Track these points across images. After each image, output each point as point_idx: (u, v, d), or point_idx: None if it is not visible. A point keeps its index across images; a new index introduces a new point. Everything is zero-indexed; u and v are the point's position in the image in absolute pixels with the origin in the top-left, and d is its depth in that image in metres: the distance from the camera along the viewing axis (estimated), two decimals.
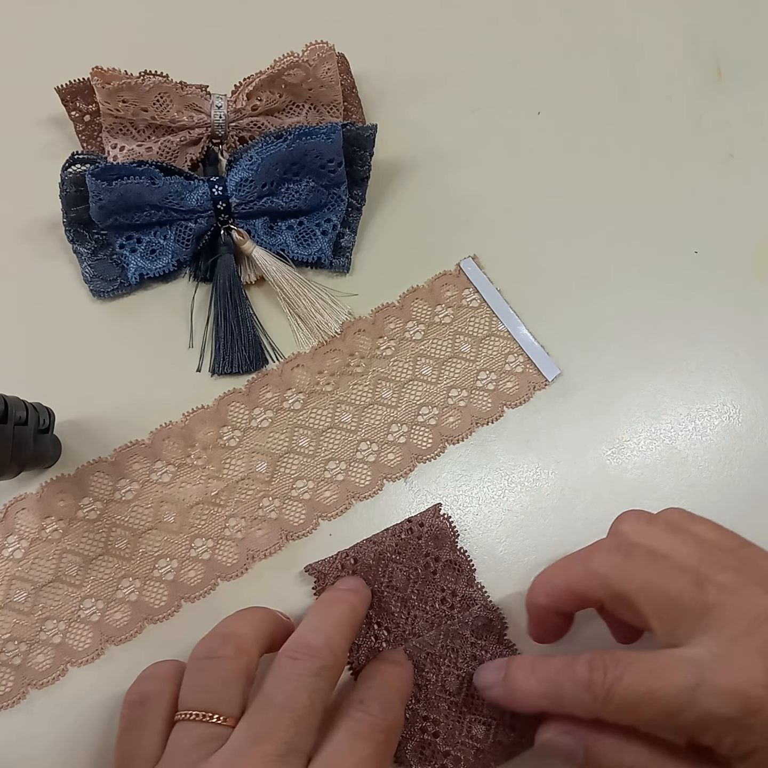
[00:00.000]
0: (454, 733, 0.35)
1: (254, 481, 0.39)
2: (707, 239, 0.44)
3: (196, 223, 0.40)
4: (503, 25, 0.48)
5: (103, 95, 0.39)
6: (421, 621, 0.36)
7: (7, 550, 0.37)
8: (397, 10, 0.48)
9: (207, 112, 0.41)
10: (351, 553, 0.37)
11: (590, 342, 0.42)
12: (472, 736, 0.35)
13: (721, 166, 0.45)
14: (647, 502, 0.39)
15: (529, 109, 0.46)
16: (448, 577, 0.37)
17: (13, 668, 0.36)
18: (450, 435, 0.40)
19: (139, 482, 0.38)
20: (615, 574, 0.30)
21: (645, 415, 0.41)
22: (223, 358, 0.40)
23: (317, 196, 0.41)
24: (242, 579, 0.38)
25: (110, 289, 0.41)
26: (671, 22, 0.48)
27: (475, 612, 0.37)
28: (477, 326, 0.42)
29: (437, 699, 0.35)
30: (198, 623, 0.37)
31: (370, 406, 0.40)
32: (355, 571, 0.37)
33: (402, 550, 0.37)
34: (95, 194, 0.37)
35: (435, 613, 0.37)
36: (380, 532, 0.38)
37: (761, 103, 0.47)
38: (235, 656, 0.30)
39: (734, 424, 0.41)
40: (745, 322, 0.42)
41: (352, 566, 0.37)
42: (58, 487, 0.38)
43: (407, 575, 0.37)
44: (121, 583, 0.37)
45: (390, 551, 0.37)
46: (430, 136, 0.45)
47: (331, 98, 0.42)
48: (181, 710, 0.30)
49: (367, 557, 0.37)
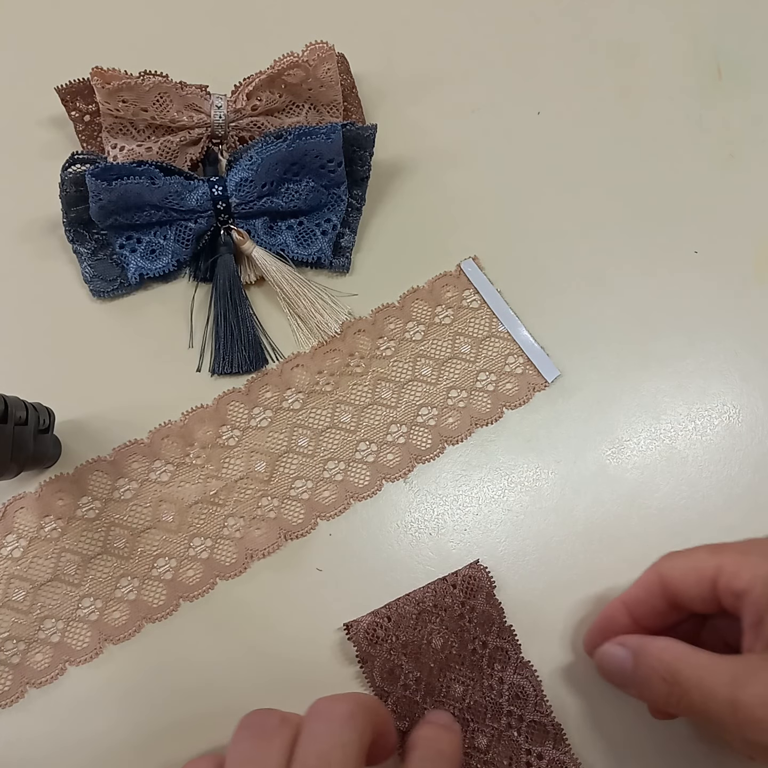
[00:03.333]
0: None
1: (253, 480, 0.39)
2: (707, 239, 0.44)
3: (196, 223, 0.40)
4: (503, 25, 0.48)
5: (103, 95, 0.39)
6: (456, 683, 0.36)
7: (5, 548, 0.37)
8: (397, 10, 0.48)
9: (207, 112, 0.41)
10: (387, 612, 0.36)
11: (590, 342, 0.42)
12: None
13: (721, 166, 0.45)
14: (647, 502, 0.39)
15: (529, 109, 0.46)
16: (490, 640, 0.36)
17: (11, 667, 0.36)
18: (449, 435, 0.40)
19: (138, 481, 0.38)
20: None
21: (645, 415, 0.41)
22: (223, 358, 0.40)
23: (317, 196, 0.41)
24: (241, 578, 0.38)
25: (110, 289, 0.41)
26: (671, 22, 0.48)
27: (527, 717, 0.35)
28: (477, 327, 0.42)
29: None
30: (196, 622, 0.37)
31: (369, 407, 0.40)
32: (396, 634, 0.36)
33: (439, 603, 0.36)
34: (95, 194, 0.38)
35: (469, 673, 0.36)
36: (417, 590, 0.37)
37: (761, 103, 0.47)
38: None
39: (734, 424, 0.41)
40: (745, 322, 0.42)
41: (390, 629, 0.36)
42: (57, 486, 0.38)
43: (446, 638, 0.36)
44: (119, 582, 0.37)
45: (429, 607, 0.36)
46: (429, 136, 0.45)
47: (331, 98, 0.42)
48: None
49: (406, 616, 0.36)
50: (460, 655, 0.36)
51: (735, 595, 0.30)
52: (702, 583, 0.31)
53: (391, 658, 0.35)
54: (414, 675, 0.35)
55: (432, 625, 0.36)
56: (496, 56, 0.47)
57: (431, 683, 0.35)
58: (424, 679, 0.35)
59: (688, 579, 0.32)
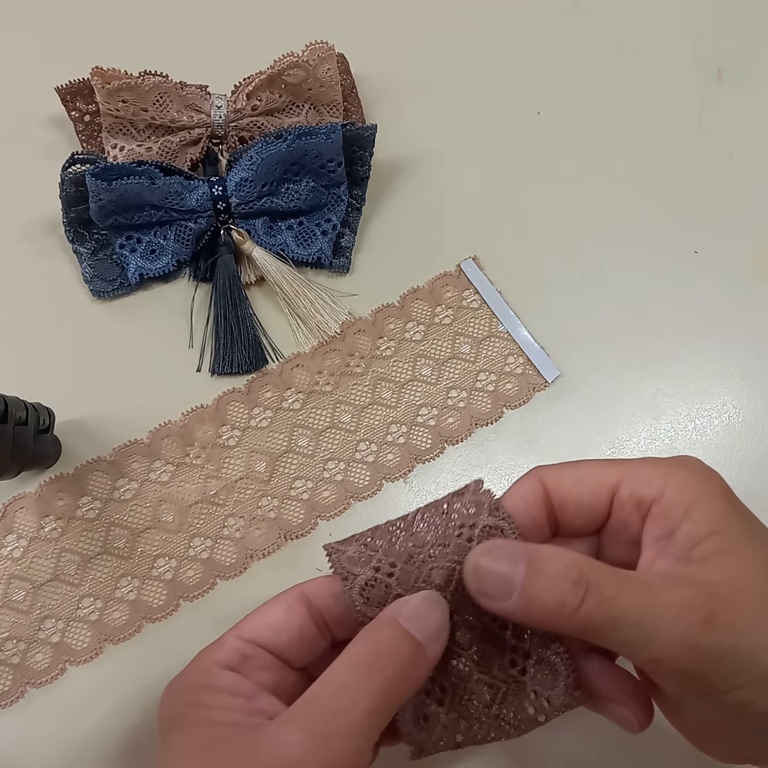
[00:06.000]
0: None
1: (253, 480, 0.39)
2: (707, 239, 0.44)
3: (196, 223, 0.40)
4: (503, 26, 0.48)
5: (103, 95, 0.39)
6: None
7: (5, 548, 0.37)
8: (397, 10, 0.48)
9: (207, 112, 0.41)
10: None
11: (590, 342, 0.42)
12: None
13: (721, 166, 0.45)
14: None
15: (529, 109, 0.46)
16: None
17: (11, 667, 0.36)
18: (449, 435, 0.40)
19: (137, 481, 0.38)
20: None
21: (645, 415, 0.41)
22: (223, 358, 0.40)
23: (317, 196, 0.41)
24: (241, 578, 0.38)
25: (110, 289, 0.41)
26: (671, 22, 0.48)
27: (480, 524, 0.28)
28: (477, 327, 0.42)
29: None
30: (196, 622, 0.37)
31: (369, 407, 0.40)
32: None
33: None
34: (95, 194, 0.38)
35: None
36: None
37: (761, 103, 0.47)
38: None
39: (734, 424, 0.41)
40: (745, 322, 0.42)
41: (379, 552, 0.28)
42: (57, 486, 0.38)
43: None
44: (119, 582, 0.37)
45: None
46: (429, 136, 0.45)
47: (331, 98, 0.42)
48: None
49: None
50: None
51: (639, 506, 0.27)
52: (598, 491, 0.27)
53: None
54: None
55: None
56: (496, 56, 0.47)
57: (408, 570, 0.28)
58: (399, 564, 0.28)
59: (581, 488, 0.28)
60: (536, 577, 0.24)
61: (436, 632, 0.26)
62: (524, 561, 0.24)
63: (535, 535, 0.28)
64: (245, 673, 0.27)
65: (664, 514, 0.26)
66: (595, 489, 0.27)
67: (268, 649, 0.28)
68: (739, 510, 0.26)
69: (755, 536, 0.25)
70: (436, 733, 0.27)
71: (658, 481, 0.26)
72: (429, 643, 0.25)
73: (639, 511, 0.27)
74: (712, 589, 0.24)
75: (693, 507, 0.26)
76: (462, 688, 0.27)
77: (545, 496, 0.28)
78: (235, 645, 0.27)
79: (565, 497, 0.28)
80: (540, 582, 0.24)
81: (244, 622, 0.28)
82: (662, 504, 0.26)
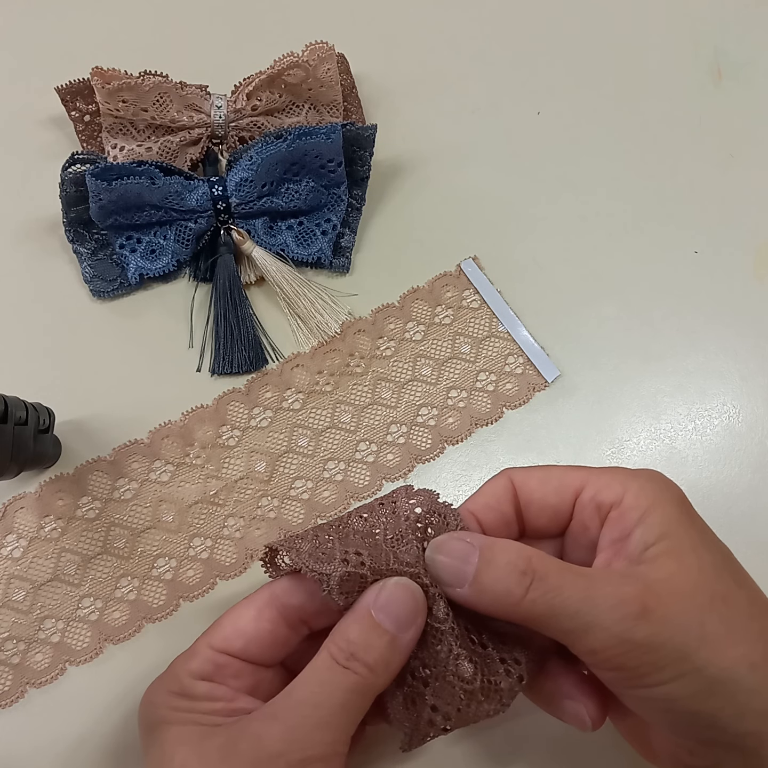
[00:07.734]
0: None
1: (253, 480, 0.39)
2: (707, 239, 0.44)
3: (196, 223, 0.40)
4: (503, 25, 0.48)
5: (103, 95, 0.39)
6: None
7: (5, 548, 0.37)
8: (397, 10, 0.48)
9: (207, 112, 0.41)
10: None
11: (590, 342, 0.42)
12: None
13: (721, 166, 0.45)
14: None
15: (529, 109, 0.46)
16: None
17: (11, 667, 0.36)
18: (449, 435, 0.40)
19: (138, 481, 0.38)
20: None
21: (645, 415, 0.41)
22: (223, 358, 0.40)
23: (317, 196, 0.41)
24: (241, 578, 0.38)
25: (110, 289, 0.41)
26: (671, 22, 0.48)
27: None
28: (477, 327, 0.42)
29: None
30: (196, 622, 0.37)
31: (369, 407, 0.40)
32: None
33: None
34: (95, 194, 0.38)
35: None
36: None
37: (761, 103, 0.47)
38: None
39: (734, 424, 0.41)
40: (745, 322, 0.42)
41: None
42: (57, 486, 0.38)
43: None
44: (119, 582, 0.37)
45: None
46: (429, 136, 0.45)
47: (331, 98, 0.42)
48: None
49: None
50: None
51: (599, 509, 0.28)
52: (563, 493, 0.29)
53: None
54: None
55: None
56: (496, 56, 0.47)
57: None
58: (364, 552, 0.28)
59: (547, 488, 0.29)
60: (487, 567, 0.26)
61: (410, 619, 0.27)
62: (477, 551, 0.26)
63: (504, 532, 0.30)
64: (220, 681, 0.28)
65: (621, 517, 0.27)
66: (559, 489, 0.29)
67: (240, 658, 0.29)
68: (691, 518, 0.28)
69: (701, 543, 0.27)
70: (425, 716, 0.27)
71: (618, 486, 0.28)
72: (402, 631, 0.26)
73: (599, 515, 0.28)
74: (650, 585, 0.25)
75: (648, 512, 0.27)
76: (444, 663, 0.27)
77: (514, 493, 0.30)
78: (208, 655, 0.28)
79: (530, 495, 0.29)
80: (490, 571, 0.26)
81: (216, 628, 0.29)
82: (620, 508, 0.28)
